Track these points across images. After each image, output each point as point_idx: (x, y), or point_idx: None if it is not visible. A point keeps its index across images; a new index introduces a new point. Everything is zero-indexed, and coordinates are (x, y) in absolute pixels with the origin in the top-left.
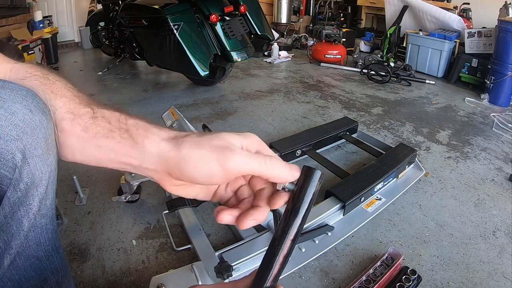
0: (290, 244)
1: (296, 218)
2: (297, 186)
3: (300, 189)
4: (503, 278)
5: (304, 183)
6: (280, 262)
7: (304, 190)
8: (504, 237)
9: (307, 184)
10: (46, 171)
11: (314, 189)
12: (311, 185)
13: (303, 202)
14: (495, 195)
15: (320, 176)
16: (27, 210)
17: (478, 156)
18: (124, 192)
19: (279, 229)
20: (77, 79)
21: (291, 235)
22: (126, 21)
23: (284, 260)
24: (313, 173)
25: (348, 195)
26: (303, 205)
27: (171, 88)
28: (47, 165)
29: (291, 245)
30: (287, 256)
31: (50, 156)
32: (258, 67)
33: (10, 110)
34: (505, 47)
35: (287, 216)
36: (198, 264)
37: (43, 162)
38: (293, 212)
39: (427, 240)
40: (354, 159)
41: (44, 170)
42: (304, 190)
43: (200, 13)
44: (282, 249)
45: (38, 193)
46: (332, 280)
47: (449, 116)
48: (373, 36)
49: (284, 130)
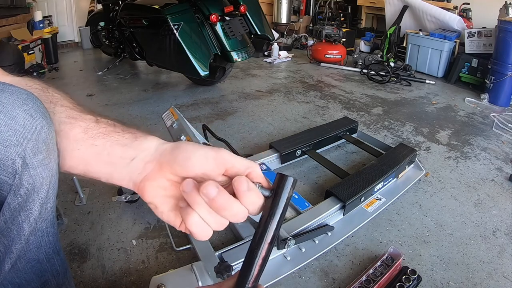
0: (268, 246)
1: (272, 222)
2: (272, 192)
3: (275, 195)
4: (503, 278)
5: (278, 189)
6: (259, 263)
7: (278, 196)
8: (504, 237)
9: (281, 190)
10: (47, 175)
11: (288, 194)
12: (285, 191)
13: (277, 208)
14: (495, 195)
15: (293, 182)
16: (27, 215)
17: (478, 156)
18: (124, 192)
19: (257, 233)
20: (77, 79)
21: (268, 238)
22: (126, 21)
23: (263, 261)
24: (286, 180)
25: (348, 195)
26: (278, 210)
27: (171, 88)
28: (48, 170)
29: (269, 248)
30: (265, 258)
31: (51, 161)
32: (258, 67)
33: (10, 115)
34: (505, 47)
35: (264, 221)
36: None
37: (44, 167)
38: (269, 217)
39: (427, 240)
40: (354, 159)
41: (45, 175)
42: (278, 196)
43: (200, 13)
44: (261, 252)
45: (39, 197)
46: (332, 280)
47: (449, 116)
48: (373, 36)
49: (284, 130)
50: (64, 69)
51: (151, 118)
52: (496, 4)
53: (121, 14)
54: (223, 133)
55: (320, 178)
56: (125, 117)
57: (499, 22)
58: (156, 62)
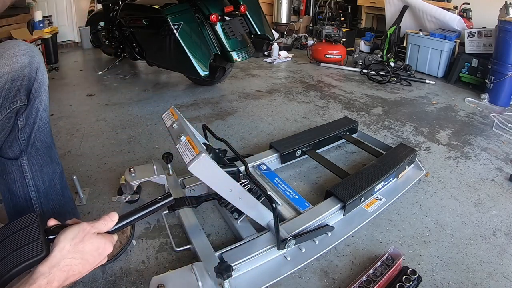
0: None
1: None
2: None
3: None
4: (503, 278)
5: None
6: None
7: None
8: (504, 237)
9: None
10: (46, 78)
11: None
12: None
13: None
14: (495, 195)
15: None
16: (41, 101)
17: (478, 156)
18: (124, 192)
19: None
20: (77, 79)
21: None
22: (126, 21)
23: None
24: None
25: (348, 195)
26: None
27: (171, 88)
28: (46, 75)
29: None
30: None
31: (45, 71)
32: (258, 67)
33: (24, 44)
34: (505, 47)
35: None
36: (198, 264)
37: (44, 71)
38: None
39: (427, 240)
40: (354, 159)
41: (46, 77)
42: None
43: (200, 13)
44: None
45: (44, 88)
46: (332, 280)
47: (449, 116)
48: (373, 36)
49: (284, 130)
50: (64, 69)
51: (151, 118)
52: (496, 4)
53: (121, 14)
54: (223, 133)
55: (320, 178)
56: (125, 117)
57: (499, 22)
58: (156, 62)
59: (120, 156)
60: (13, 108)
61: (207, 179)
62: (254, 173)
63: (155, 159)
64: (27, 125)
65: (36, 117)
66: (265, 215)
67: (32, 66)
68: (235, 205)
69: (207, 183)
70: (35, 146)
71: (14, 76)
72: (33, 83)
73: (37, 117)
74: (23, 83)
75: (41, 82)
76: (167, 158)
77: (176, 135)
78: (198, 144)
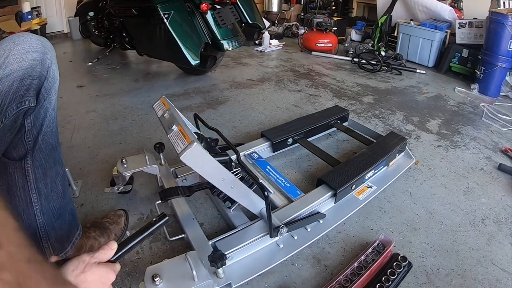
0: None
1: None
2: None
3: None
4: (492, 264)
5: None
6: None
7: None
8: (493, 225)
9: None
10: (57, 77)
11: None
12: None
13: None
14: (484, 184)
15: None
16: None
17: (468, 145)
18: (116, 183)
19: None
20: (66, 70)
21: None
22: (116, 10)
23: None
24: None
25: (339, 183)
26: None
27: (162, 78)
28: (57, 73)
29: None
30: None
31: (57, 69)
32: (249, 56)
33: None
34: (496, 38)
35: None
36: (192, 254)
37: (56, 69)
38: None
39: (417, 228)
40: (345, 148)
41: (57, 75)
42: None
43: (191, 1)
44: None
45: (54, 87)
46: (324, 267)
47: (439, 105)
48: (364, 25)
49: (275, 118)
50: None
51: (142, 108)
52: None
53: (110, 4)
54: (214, 122)
55: (311, 166)
56: (116, 108)
57: (490, 13)
58: (146, 52)
59: (112, 147)
60: (21, 108)
61: (199, 168)
62: (246, 161)
63: (147, 149)
64: (34, 127)
65: (44, 117)
66: (257, 203)
67: (43, 64)
68: (228, 194)
69: (199, 172)
70: (41, 148)
71: (23, 75)
72: (43, 82)
73: (46, 118)
74: (32, 83)
75: (52, 81)
76: (159, 148)
77: (167, 124)
78: (190, 133)
